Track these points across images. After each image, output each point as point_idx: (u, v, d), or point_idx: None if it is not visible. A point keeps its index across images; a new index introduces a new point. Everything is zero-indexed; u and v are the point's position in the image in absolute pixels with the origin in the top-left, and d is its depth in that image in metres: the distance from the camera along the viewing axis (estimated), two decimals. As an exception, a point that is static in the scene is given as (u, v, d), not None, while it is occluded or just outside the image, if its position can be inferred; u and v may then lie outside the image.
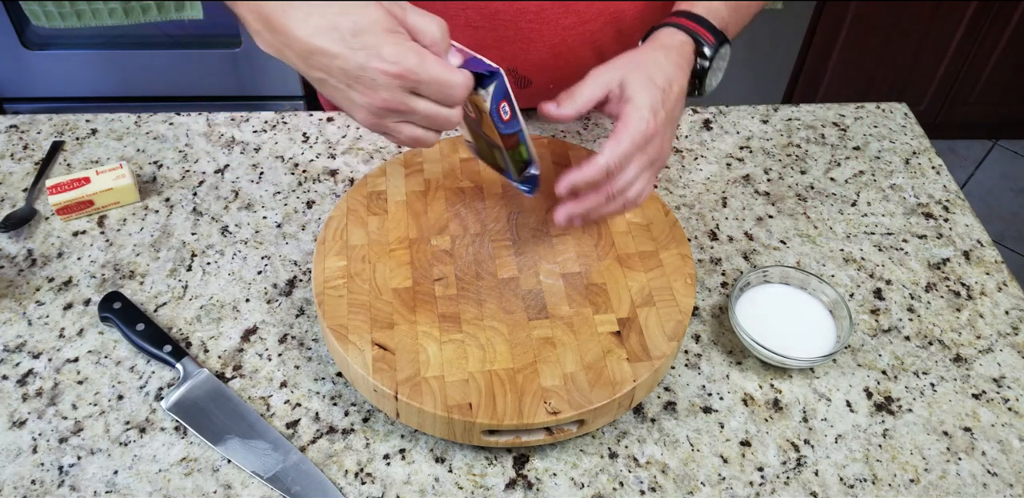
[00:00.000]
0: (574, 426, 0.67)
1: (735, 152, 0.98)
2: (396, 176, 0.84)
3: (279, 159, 0.94)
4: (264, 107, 1.96)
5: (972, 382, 0.77)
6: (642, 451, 0.71)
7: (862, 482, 0.69)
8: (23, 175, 0.92)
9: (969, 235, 0.90)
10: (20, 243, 0.85)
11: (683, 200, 0.92)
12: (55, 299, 0.80)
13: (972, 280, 0.85)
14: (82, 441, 0.70)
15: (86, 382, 0.74)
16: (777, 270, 0.79)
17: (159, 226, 0.87)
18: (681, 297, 0.73)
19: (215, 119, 0.99)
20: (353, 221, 0.79)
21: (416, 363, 0.68)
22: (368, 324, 0.70)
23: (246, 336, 0.78)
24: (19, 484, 0.67)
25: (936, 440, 0.72)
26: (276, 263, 0.84)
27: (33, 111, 1.65)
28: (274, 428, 0.71)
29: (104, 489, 0.67)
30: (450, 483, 0.68)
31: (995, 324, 0.81)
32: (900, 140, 1.00)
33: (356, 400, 0.73)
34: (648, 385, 0.70)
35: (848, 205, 0.92)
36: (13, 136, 0.96)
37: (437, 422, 0.66)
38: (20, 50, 1.81)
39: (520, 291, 0.74)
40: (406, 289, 0.73)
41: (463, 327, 0.71)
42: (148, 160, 0.94)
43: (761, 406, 0.74)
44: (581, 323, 0.71)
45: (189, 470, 0.68)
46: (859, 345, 0.79)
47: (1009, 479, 0.70)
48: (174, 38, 1.84)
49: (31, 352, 0.76)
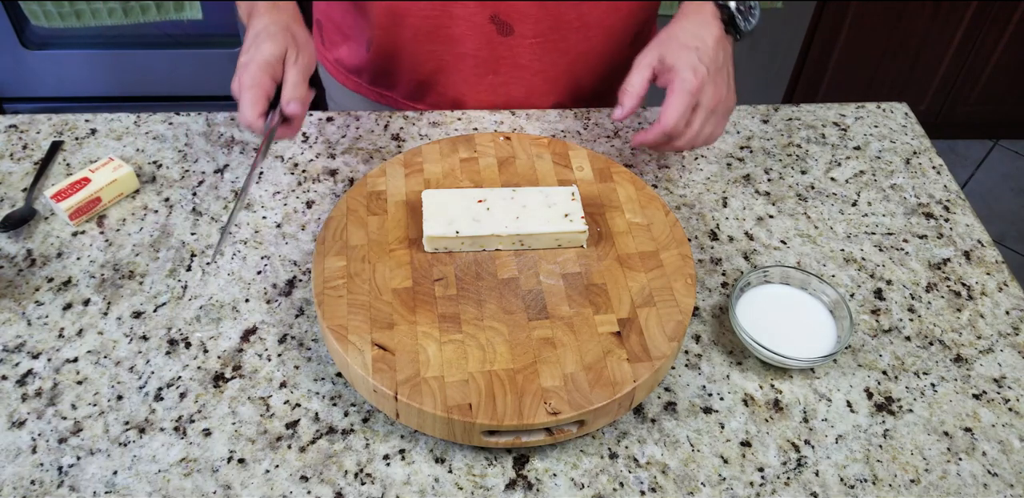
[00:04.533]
0: (574, 427, 0.67)
1: (735, 152, 0.98)
2: (396, 176, 0.83)
3: (279, 159, 0.94)
4: (264, 107, 1.96)
5: (973, 382, 0.77)
6: (642, 451, 0.71)
7: (862, 482, 0.69)
8: (22, 175, 0.91)
9: (970, 235, 0.89)
10: (19, 243, 0.85)
11: (683, 200, 0.92)
12: (54, 299, 0.80)
13: (973, 280, 0.85)
14: (81, 441, 0.70)
15: (85, 382, 0.74)
16: (777, 270, 0.79)
17: (159, 226, 0.87)
18: (681, 297, 0.73)
19: (215, 119, 0.99)
20: (353, 221, 0.79)
21: (416, 363, 0.68)
22: (368, 324, 0.70)
23: (246, 336, 0.78)
24: (19, 484, 0.67)
25: (937, 440, 0.72)
26: (276, 263, 0.84)
27: (33, 111, 1.65)
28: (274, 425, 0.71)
29: (104, 489, 0.67)
30: (450, 483, 0.68)
31: (996, 324, 0.81)
32: (901, 140, 1.00)
33: (356, 400, 0.73)
34: (648, 385, 0.70)
35: (849, 205, 0.92)
36: (12, 136, 0.96)
37: (437, 423, 0.66)
38: (20, 50, 1.81)
39: (520, 291, 0.74)
40: (406, 289, 0.73)
41: (463, 327, 0.71)
42: (148, 160, 0.94)
43: (761, 406, 0.74)
44: (581, 323, 0.71)
45: (189, 470, 0.68)
46: (859, 345, 0.79)
47: (1009, 479, 0.70)
48: (174, 38, 1.84)
49: (30, 352, 0.76)
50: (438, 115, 0.99)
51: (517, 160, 0.86)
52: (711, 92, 0.79)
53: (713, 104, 0.79)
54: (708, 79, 0.78)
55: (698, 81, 0.77)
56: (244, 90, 0.76)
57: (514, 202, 0.78)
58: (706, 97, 0.78)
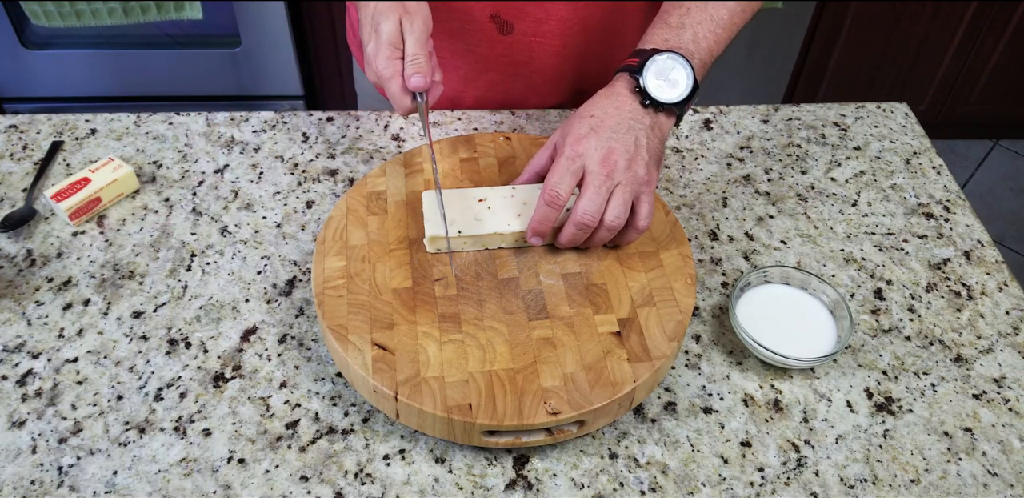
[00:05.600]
0: (574, 427, 0.67)
1: (735, 152, 0.98)
2: (396, 176, 0.83)
3: (279, 159, 0.94)
4: (264, 107, 1.96)
5: (973, 382, 0.77)
6: (642, 451, 0.71)
7: (862, 482, 0.69)
8: (22, 175, 0.91)
9: (970, 235, 0.89)
10: (19, 243, 0.85)
11: (683, 200, 0.92)
12: (54, 299, 0.80)
13: (973, 280, 0.85)
14: (81, 441, 0.70)
15: (85, 382, 0.74)
16: (777, 270, 0.79)
17: (159, 226, 0.87)
18: (681, 297, 0.73)
19: (215, 119, 0.99)
20: (353, 221, 0.79)
21: (416, 363, 0.68)
22: (368, 324, 0.70)
23: (246, 336, 0.78)
24: (19, 484, 0.67)
25: (936, 440, 0.72)
26: (276, 263, 0.84)
27: (33, 111, 1.65)
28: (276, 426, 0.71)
29: (103, 489, 0.67)
30: (450, 483, 0.68)
31: (996, 324, 0.81)
32: (901, 140, 1.00)
33: (356, 400, 0.73)
34: (648, 385, 0.70)
35: (849, 205, 0.92)
36: (12, 136, 0.96)
37: (437, 423, 0.66)
38: (20, 50, 1.81)
39: (520, 291, 0.74)
40: (406, 289, 0.73)
41: (463, 327, 0.71)
42: (148, 160, 0.94)
43: (761, 406, 0.74)
44: (581, 323, 0.71)
45: (188, 470, 0.68)
46: (859, 345, 0.79)
47: (1009, 479, 0.70)
48: (174, 38, 1.84)
49: (30, 352, 0.76)
50: (438, 115, 0.99)
51: (517, 160, 0.86)
52: (597, 157, 0.72)
53: (607, 170, 0.71)
54: (596, 143, 0.72)
55: (569, 144, 0.72)
56: (385, 82, 0.75)
57: (515, 200, 0.78)
58: (592, 161, 0.71)
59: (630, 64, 0.76)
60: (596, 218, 0.72)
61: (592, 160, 0.72)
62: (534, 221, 0.74)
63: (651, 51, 0.75)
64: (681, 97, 0.75)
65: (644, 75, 0.74)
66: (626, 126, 0.73)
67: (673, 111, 0.76)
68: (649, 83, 0.74)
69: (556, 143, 0.76)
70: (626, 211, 0.72)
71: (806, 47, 2.01)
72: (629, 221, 0.74)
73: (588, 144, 0.72)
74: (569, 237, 0.74)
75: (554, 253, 0.77)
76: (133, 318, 0.78)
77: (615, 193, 0.72)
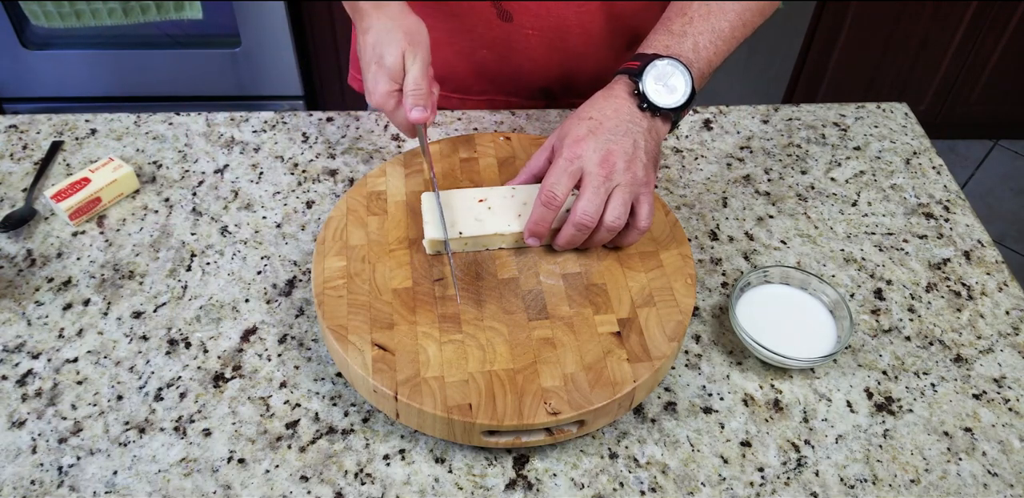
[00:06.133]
0: (574, 427, 0.67)
1: (735, 152, 0.98)
2: (396, 176, 0.83)
3: (279, 159, 0.94)
4: (264, 107, 1.96)
5: (973, 382, 0.77)
6: (642, 451, 0.71)
7: (862, 482, 0.69)
8: (22, 175, 0.91)
9: (970, 235, 0.89)
10: (19, 243, 0.85)
11: (683, 200, 0.92)
12: (54, 299, 0.80)
13: (973, 280, 0.85)
14: (81, 441, 0.70)
15: (85, 382, 0.74)
16: (777, 270, 0.79)
17: (158, 226, 0.87)
18: (681, 297, 0.73)
19: (215, 119, 0.99)
20: (353, 221, 0.79)
21: (416, 364, 0.68)
22: (368, 324, 0.70)
23: (246, 336, 0.78)
24: (19, 484, 0.67)
25: (936, 440, 0.72)
26: (276, 263, 0.84)
27: (32, 111, 1.65)
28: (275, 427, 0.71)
29: (104, 489, 0.67)
30: (450, 483, 0.68)
31: (996, 324, 0.81)
32: (900, 140, 1.00)
33: (356, 400, 0.73)
34: (648, 385, 0.70)
35: (849, 205, 0.92)
36: (12, 136, 0.96)
37: (437, 423, 0.66)
38: (20, 50, 1.82)
39: (520, 291, 0.74)
40: (406, 289, 0.73)
41: (463, 327, 0.71)
42: (148, 160, 0.94)
43: (761, 406, 0.74)
44: (581, 323, 0.71)
45: (188, 470, 0.68)
46: (859, 345, 0.79)
47: (1009, 479, 0.70)
48: (174, 38, 1.84)
49: (30, 352, 0.76)
50: (439, 115, 0.99)
51: (517, 160, 0.86)
52: (596, 159, 0.71)
53: (605, 172, 0.71)
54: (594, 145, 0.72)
55: (567, 145, 0.72)
56: (388, 115, 0.80)
57: (515, 200, 0.78)
58: (590, 163, 0.71)
59: (630, 67, 0.76)
60: (595, 219, 0.72)
61: (591, 162, 0.72)
62: (531, 222, 0.74)
63: (652, 56, 0.75)
64: (679, 103, 0.75)
65: (644, 79, 0.74)
66: (624, 128, 0.73)
67: (669, 117, 0.76)
68: (648, 87, 0.74)
69: (554, 144, 0.76)
70: (626, 212, 0.72)
71: (806, 47, 2.01)
72: (630, 222, 0.74)
73: (587, 146, 0.72)
74: (567, 238, 0.73)
75: (554, 253, 0.77)
76: (133, 318, 0.78)
77: (614, 194, 0.72)
